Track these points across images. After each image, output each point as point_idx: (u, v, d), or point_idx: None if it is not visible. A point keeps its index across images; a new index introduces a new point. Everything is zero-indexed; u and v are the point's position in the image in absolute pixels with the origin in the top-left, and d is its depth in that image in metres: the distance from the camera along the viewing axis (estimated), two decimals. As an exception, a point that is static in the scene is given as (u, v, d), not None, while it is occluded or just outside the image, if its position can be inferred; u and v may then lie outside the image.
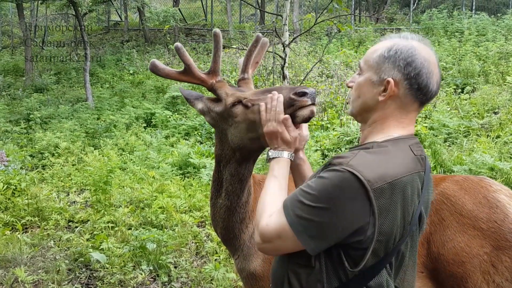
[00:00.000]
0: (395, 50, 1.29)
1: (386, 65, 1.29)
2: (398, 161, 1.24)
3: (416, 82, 1.28)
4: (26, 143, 7.41)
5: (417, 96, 1.30)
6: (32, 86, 11.98)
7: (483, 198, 1.76)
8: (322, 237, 1.20)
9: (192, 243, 4.21)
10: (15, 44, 17.77)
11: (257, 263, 1.87)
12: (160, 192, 5.12)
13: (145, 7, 14.56)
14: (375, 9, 19.22)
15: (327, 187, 1.18)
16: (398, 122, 1.32)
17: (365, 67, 1.35)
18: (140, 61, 13.83)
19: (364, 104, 1.34)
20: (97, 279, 3.62)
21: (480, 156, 5.22)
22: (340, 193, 1.17)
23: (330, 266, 1.25)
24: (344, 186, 1.17)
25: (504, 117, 6.98)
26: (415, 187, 1.25)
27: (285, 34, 3.62)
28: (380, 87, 1.30)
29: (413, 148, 1.30)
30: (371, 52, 1.35)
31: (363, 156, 1.23)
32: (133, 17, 21.24)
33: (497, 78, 9.07)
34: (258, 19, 18.62)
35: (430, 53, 1.32)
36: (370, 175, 1.17)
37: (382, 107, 1.31)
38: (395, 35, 1.36)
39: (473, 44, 11.29)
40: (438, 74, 1.32)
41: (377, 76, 1.31)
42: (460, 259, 1.71)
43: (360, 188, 1.16)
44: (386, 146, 1.27)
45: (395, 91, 1.29)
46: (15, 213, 4.69)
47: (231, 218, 1.85)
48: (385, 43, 1.34)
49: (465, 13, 14.50)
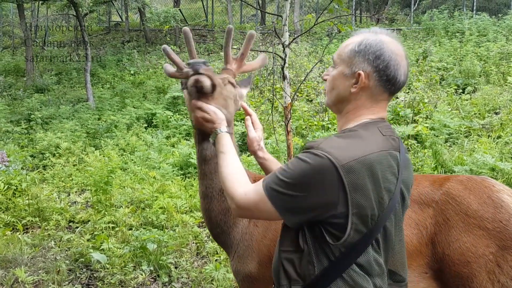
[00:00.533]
0: (365, 44, 1.38)
1: (357, 59, 1.38)
2: (366, 141, 1.33)
3: (385, 74, 1.37)
4: (27, 144, 7.41)
5: (386, 87, 1.39)
6: (33, 86, 11.99)
7: (487, 198, 1.76)
8: (297, 210, 1.31)
9: (193, 243, 4.21)
10: (16, 44, 17.78)
11: (252, 265, 1.86)
12: (161, 192, 5.12)
13: (146, 8, 14.56)
14: (375, 9, 19.21)
15: (301, 166, 1.29)
16: (369, 110, 1.42)
17: (338, 61, 1.44)
18: (141, 62, 13.83)
19: (338, 95, 1.44)
20: (97, 280, 3.62)
21: (481, 156, 5.22)
22: (312, 171, 1.27)
23: (317, 246, 1.34)
24: (315, 165, 1.27)
25: (505, 117, 6.97)
26: (385, 164, 1.32)
27: (285, 35, 3.61)
28: (352, 79, 1.40)
29: (381, 130, 1.39)
30: (344, 46, 1.44)
31: (333, 140, 1.34)
32: (133, 18, 21.26)
33: (498, 78, 9.06)
34: (259, 19, 18.62)
35: (397, 46, 1.40)
36: (338, 154, 1.27)
37: (355, 98, 1.41)
38: (366, 30, 1.44)
39: (474, 44, 11.28)
40: (406, 65, 1.41)
41: (349, 69, 1.40)
42: (465, 259, 1.71)
43: (330, 166, 1.26)
44: (356, 130, 1.37)
45: (366, 83, 1.39)
46: (16, 213, 4.70)
47: (210, 206, 1.85)
48: (356, 38, 1.42)
49: (466, 14, 14.49)
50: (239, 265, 1.89)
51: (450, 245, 1.74)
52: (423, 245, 1.77)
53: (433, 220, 1.78)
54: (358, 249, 1.32)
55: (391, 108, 7.51)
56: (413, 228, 1.79)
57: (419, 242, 1.77)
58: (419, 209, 1.81)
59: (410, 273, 1.75)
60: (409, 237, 1.77)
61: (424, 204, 1.81)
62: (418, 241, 1.77)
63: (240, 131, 6.77)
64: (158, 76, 12.34)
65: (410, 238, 1.78)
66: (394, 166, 1.35)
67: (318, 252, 1.34)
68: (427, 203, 1.81)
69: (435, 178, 1.90)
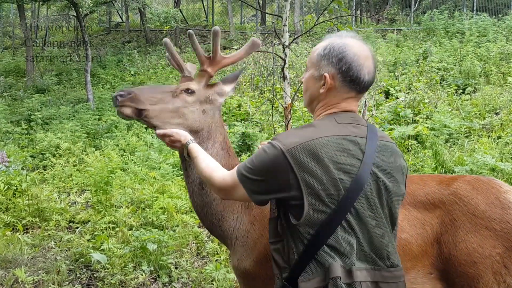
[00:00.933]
0: (329, 48, 1.51)
1: (323, 62, 1.52)
2: (316, 128, 1.48)
3: (348, 75, 1.49)
4: (27, 144, 7.41)
5: (351, 86, 1.52)
6: (33, 87, 12.00)
7: (495, 198, 1.76)
8: (261, 192, 1.52)
9: (193, 243, 4.21)
10: (16, 45, 17.80)
11: (249, 262, 1.88)
12: (161, 192, 5.11)
13: (146, 8, 14.57)
14: (376, 10, 19.22)
15: (261, 155, 1.49)
16: (334, 106, 1.55)
17: (309, 65, 1.59)
18: (141, 62, 13.85)
19: (310, 96, 1.60)
20: (97, 280, 3.61)
21: (481, 156, 5.21)
22: (268, 159, 1.47)
23: (292, 232, 1.49)
24: (269, 153, 1.47)
25: (505, 117, 6.97)
26: (334, 147, 1.43)
27: (285, 35, 3.62)
28: (320, 81, 1.54)
29: (337, 118, 1.52)
30: (313, 51, 1.57)
31: (289, 131, 1.54)
32: (134, 18, 21.27)
33: (498, 78, 9.06)
34: (259, 20, 18.63)
35: (361, 48, 1.52)
36: (286, 142, 1.45)
37: (324, 98, 1.55)
38: (334, 34, 1.58)
39: (474, 44, 11.29)
40: (371, 65, 1.52)
41: (317, 72, 1.54)
42: (472, 260, 1.71)
43: (279, 153, 1.44)
44: (312, 122, 1.54)
45: (332, 83, 1.52)
46: (16, 213, 4.69)
47: (192, 198, 1.99)
48: (323, 43, 1.56)
49: (466, 14, 14.49)
50: (236, 261, 1.92)
51: (456, 245, 1.73)
52: (428, 245, 1.77)
53: (439, 220, 1.78)
54: (327, 230, 1.42)
55: (392, 108, 7.51)
56: (418, 228, 1.78)
57: (424, 242, 1.77)
58: (425, 209, 1.81)
59: (415, 273, 1.75)
60: (414, 237, 1.77)
61: (430, 204, 1.81)
62: (424, 240, 1.77)
63: (240, 131, 6.77)
64: (158, 77, 12.36)
65: (415, 238, 1.77)
66: (351, 149, 1.45)
67: (294, 237, 1.48)
68: (433, 203, 1.81)
69: (442, 178, 1.90)
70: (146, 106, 1.85)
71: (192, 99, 1.92)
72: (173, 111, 1.89)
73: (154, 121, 1.88)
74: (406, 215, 1.79)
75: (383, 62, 9.99)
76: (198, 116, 1.93)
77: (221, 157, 1.97)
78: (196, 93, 1.94)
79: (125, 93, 1.83)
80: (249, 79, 10.22)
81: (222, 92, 2.01)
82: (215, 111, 1.99)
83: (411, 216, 1.79)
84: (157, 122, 1.88)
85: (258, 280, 1.86)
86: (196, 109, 1.93)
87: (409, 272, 1.74)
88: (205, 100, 1.96)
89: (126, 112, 1.84)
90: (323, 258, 1.42)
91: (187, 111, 1.91)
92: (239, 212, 1.95)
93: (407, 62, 10.48)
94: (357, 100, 1.57)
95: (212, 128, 1.97)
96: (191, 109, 1.92)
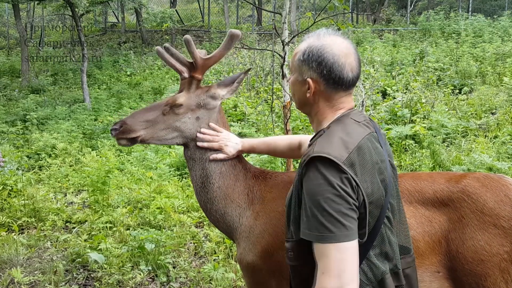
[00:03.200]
0: (308, 53, 1.44)
1: (304, 67, 1.46)
2: (348, 133, 1.39)
3: (330, 77, 1.43)
4: (23, 144, 7.36)
5: (336, 87, 1.45)
6: (28, 87, 11.92)
7: (504, 196, 1.73)
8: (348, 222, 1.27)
9: (191, 243, 4.19)
10: (11, 45, 17.70)
11: (251, 256, 1.89)
12: (158, 192, 5.09)
13: (142, 8, 14.54)
14: (372, 10, 19.27)
15: (318, 181, 1.29)
16: (333, 108, 1.49)
17: (292, 69, 1.52)
18: (137, 62, 13.80)
19: (299, 100, 1.53)
20: (95, 280, 3.58)
21: (478, 156, 5.23)
22: (326, 178, 1.28)
23: None
24: (322, 171, 1.29)
25: (501, 117, 7.00)
26: (372, 147, 1.40)
27: (285, 32, 3.61)
28: (305, 85, 1.47)
29: (354, 118, 1.46)
30: (294, 55, 1.51)
31: (321, 142, 1.37)
32: (130, 19, 21.21)
33: (494, 79, 9.10)
34: (255, 20, 18.63)
35: (341, 46, 1.44)
36: (334, 153, 1.31)
37: (313, 102, 1.50)
38: (312, 34, 1.49)
39: (470, 45, 11.34)
40: (353, 61, 1.44)
41: (300, 76, 1.48)
42: (479, 258, 1.69)
43: (334, 165, 1.29)
44: (333, 127, 1.43)
45: (317, 88, 1.46)
46: (11, 214, 4.65)
47: (197, 196, 2.05)
48: (302, 45, 1.48)
49: (462, 15, 14.56)
50: (240, 254, 1.95)
51: (464, 243, 1.71)
52: (436, 242, 1.75)
53: (447, 217, 1.76)
54: (373, 235, 1.37)
55: (389, 108, 7.52)
56: (426, 226, 1.76)
57: (432, 240, 1.75)
58: (433, 206, 1.79)
59: (422, 272, 1.73)
60: (421, 234, 1.75)
61: (439, 201, 1.78)
62: (431, 238, 1.75)
63: (236, 131, 6.75)
64: (154, 77, 12.31)
65: (423, 235, 1.75)
66: (377, 147, 1.43)
67: None
68: (442, 200, 1.78)
69: (451, 176, 1.88)
70: (138, 133, 1.96)
71: (182, 110, 1.97)
72: (166, 128, 1.97)
73: (152, 142, 1.99)
74: (414, 212, 1.78)
75: (380, 62, 10.00)
76: (191, 125, 1.98)
77: None
78: (184, 104, 1.97)
79: (118, 126, 1.95)
80: (245, 79, 10.20)
81: (215, 95, 2.00)
82: (211, 114, 2.01)
83: (418, 213, 1.77)
84: (155, 141, 1.99)
85: (261, 273, 1.87)
86: (189, 118, 1.98)
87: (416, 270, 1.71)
88: (197, 106, 1.99)
89: (122, 143, 1.98)
90: (373, 265, 1.37)
91: (179, 123, 1.97)
92: (242, 207, 1.97)
93: (404, 62, 10.51)
94: (351, 95, 1.53)
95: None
96: (183, 121, 1.97)
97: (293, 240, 1.40)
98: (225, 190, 1.98)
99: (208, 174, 1.99)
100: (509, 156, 5.71)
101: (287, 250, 1.42)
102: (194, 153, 2.01)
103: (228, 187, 1.98)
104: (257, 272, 1.88)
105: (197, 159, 2.01)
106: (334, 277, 1.24)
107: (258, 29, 16.69)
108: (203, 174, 2.00)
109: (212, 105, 2.00)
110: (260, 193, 1.97)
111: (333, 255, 1.25)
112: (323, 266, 1.25)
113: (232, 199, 1.97)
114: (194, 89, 1.99)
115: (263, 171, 2.05)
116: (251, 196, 1.98)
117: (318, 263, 1.27)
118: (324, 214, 1.26)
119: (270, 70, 9.61)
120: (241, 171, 2.01)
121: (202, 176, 2.00)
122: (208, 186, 1.99)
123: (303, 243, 1.34)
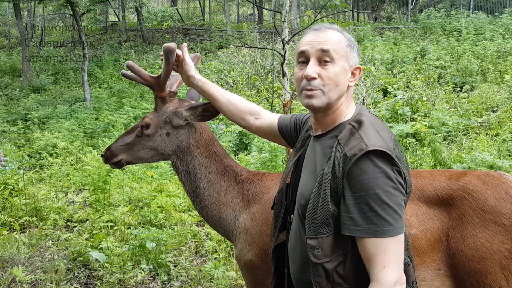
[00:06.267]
0: (350, 39, 1.45)
1: (352, 54, 1.44)
2: (381, 126, 1.39)
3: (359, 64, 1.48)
4: (24, 143, 7.37)
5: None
6: (29, 86, 11.94)
7: (505, 193, 1.73)
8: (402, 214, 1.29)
9: (192, 242, 4.19)
10: (12, 44, 17.72)
11: (248, 256, 1.90)
12: (159, 191, 5.09)
13: (143, 7, 14.53)
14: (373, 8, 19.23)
15: (375, 175, 1.26)
16: (351, 98, 1.50)
17: (336, 57, 1.42)
18: (138, 61, 13.79)
19: (341, 91, 1.43)
20: (96, 279, 3.59)
21: (479, 154, 5.21)
22: (384, 171, 1.26)
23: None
24: (379, 165, 1.26)
25: (502, 115, 6.98)
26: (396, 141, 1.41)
27: (285, 31, 3.60)
28: (348, 74, 1.44)
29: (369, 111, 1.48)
30: (336, 42, 1.42)
31: (367, 136, 1.32)
32: (131, 18, 21.21)
33: (495, 76, 9.07)
34: (256, 19, 18.60)
35: None
36: (385, 146, 1.29)
37: (348, 91, 1.46)
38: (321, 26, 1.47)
39: (471, 43, 11.30)
40: None
41: (348, 64, 1.43)
42: (480, 255, 1.68)
43: (388, 158, 1.27)
44: (365, 120, 1.39)
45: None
46: (13, 213, 4.66)
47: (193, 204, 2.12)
48: (337, 33, 1.45)
49: (463, 13, 14.52)
50: (238, 254, 1.98)
51: (464, 240, 1.71)
52: (437, 239, 1.74)
53: (448, 215, 1.75)
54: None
55: (390, 106, 7.51)
56: (427, 223, 1.76)
57: (433, 237, 1.75)
58: (434, 203, 1.78)
59: (424, 270, 1.73)
60: (423, 232, 1.75)
61: (439, 199, 1.78)
62: (433, 235, 1.75)
63: (237, 130, 6.75)
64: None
65: (424, 233, 1.75)
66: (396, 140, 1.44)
67: None
68: (443, 198, 1.78)
69: (452, 173, 1.87)
70: (120, 157, 2.09)
71: (151, 130, 2.03)
72: (143, 148, 2.06)
73: (136, 162, 2.11)
74: (415, 210, 1.77)
75: (381, 60, 9.98)
76: (163, 141, 2.04)
77: (207, 166, 2.03)
78: (152, 123, 2.03)
79: (104, 153, 2.11)
80: (246, 78, 10.19)
81: (178, 113, 2.00)
82: (179, 131, 2.02)
83: (419, 211, 1.77)
84: (138, 161, 2.11)
85: (258, 271, 1.89)
86: (159, 136, 2.03)
87: (418, 268, 1.72)
88: (165, 123, 2.02)
89: (112, 167, 2.17)
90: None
91: (152, 142, 2.04)
92: (237, 210, 2.01)
93: (404, 60, 10.48)
94: None
95: (184, 145, 2.03)
96: (154, 139, 2.04)
97: (321, 237, 1.33)
98: (216, 197, 2.03)
99: (196, 184, 2.06)
100: (510, 154, 5.70)
101: (313, 248, 1.34)
102: (178, 167, 2.07)
103: (219, 193, 2.03)
104: (256, 271, 1.89)
105: (182, 172, 2.07)
106: (395, 269, 1.24)
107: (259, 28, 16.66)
108: (192, 185, 2.07)
109: (176, 122, 2.01)
110: (257, 194, 1.99)
111: (392, 248, 1.24)
112: (383, 260, 1.24)
113: (225, 204, 2.02)
114: (160, 106, 2.03)
115: (257, 173, 2.07)
116: (246, 198, 2.00)
117: (373, 258, 1.25)
118: (385, 207, 1.24)
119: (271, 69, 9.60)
120: (232, 176, 2.05)
121: (192, 187, 2.07)
122: (199, 195, 2.06)
123: (336, 238, 1.31)
